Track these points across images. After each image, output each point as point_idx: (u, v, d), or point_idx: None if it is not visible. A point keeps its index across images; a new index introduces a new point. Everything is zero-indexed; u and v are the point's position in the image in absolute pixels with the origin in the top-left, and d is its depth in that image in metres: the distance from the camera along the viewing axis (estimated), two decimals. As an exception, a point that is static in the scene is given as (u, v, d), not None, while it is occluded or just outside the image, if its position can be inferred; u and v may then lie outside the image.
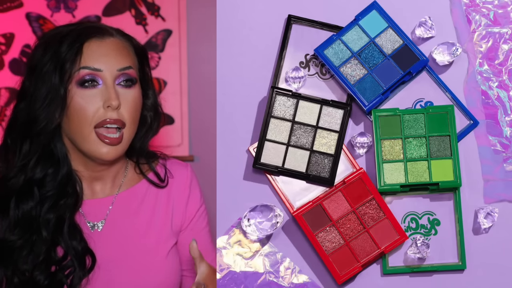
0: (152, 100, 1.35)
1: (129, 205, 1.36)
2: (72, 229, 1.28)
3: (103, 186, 1.35)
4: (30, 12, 2.40)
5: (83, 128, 1.24)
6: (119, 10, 2.42)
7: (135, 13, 2.42)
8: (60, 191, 1.28)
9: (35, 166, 1.26)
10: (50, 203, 1.27)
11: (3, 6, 2.39)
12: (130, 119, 1.27)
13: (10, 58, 2.38)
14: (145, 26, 2.42)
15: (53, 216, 1.26)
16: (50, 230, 1.26)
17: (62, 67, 1.22)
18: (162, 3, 2.43)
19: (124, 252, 1.32)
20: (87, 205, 1.33)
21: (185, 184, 1.41)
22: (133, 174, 1.39)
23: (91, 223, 1.32)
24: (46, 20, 2.41)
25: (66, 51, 1.23)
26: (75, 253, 1.26)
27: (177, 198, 1.39)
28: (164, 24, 2.43)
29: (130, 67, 1.27)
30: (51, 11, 2.42)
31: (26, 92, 1.26)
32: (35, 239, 1.25)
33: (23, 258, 1.24)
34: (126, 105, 1.26)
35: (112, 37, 1.28)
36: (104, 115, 1.24)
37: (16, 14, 2.40)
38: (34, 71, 1.25)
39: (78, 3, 2.42)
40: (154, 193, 1.38)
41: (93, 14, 2.41)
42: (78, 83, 1.23)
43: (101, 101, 1.24)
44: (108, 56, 1.25)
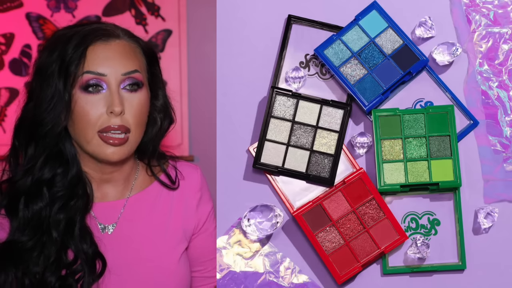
0: (162, 101, 1.33)
1: (141, 208, 1.34)
2: (82, 232, 1.26)
3: (114, 189, 1.33)
4: (30, 12, 2.40)
5: (86, 133, 1.22)
6: (119, 10, 2.42)
7: (135, 13, 2.42)
8: (71, 191, 1.27)
9: (43, 167, 1.25)
10: (60, 204, 1.25)
11: (3, 6, 2.39)
12: (135, 124, 1.25)
13: (10, 58, 2.38)
14: (145, 26, 2.42)
15: (63, 216, 1.25)
16: (61, 232, 1.24)
17: (67, 71, 1.21)
18: (162, 3, 2.43)
19: (134, 255, 1.30)
20: (98, 208, 1.31)
21: (197, 187, 1.39)
22: (144, 176, 1.37)
23: (102, 225, 1.31)
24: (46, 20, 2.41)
25: (71, 54, 1.21)
26: (85, 257, 1.25)
27: (189, 201, 1.37)
28: (164, 24, 2.43)
29: (136, 71, 1.24)
30: (51, 11, 2.42)
31: (33, 93, 1.25)
32: (45, 240, 1.24)
33: (34, 260, 1.23)
34: (131, 110, 1.23)
35: (118, 39, 1.25)
36: (108, 121, 1.22)
37: (16, 14, 2.40)
38: (40, 72, 1.24)
39: (78, 3, 2.42)
40: (165, 196, 1.36)
41: (93, 14, 2.41)
42: (82, 87, 1.21)
43: (105, 106, 1.22)
44: (113, 60, 1.22)
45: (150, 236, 1.32)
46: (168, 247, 1.33)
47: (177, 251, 1.34)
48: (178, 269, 1.33)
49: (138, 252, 1.31)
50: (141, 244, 1.31)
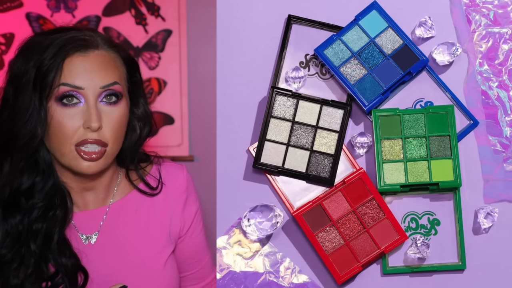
0: (142, 109, 1.29)
1: (123, 215, 1.30)
2: (61, 245, 1.22)
3: (96, 197, 1.29)
4: (30, 12, 2.40)
5: (62, 146, 1.18)
6: (119, 10, 2.42)
7: (135, 13, 2.42)
8: (49, 202, 1.23)
9: (20, 177, 1.21)
10: (37, 214, 1.22)
11: (3, 6, 2.39)
12: (113, 138, 1.20)
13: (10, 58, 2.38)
14: (145, 26, 2.42)
15: (41, 227, 1.21)
16: (39, 243, 1.21)
17: (42, 83, 1.16)
18: (162, 3, 2.42)
19: (120, 263, 1.27)
20: (79, 217, 1.28)
21: (182, 188, 1.35)
22: (126, 182, 1.33)
23: (84, 235, 1.27)
24: (46, 20, 2.41)
25: (47, 66, 1.15)
26: (65, 270, 1.21)
27: (174, 203, 1.34)
28: (164, 24, 2.43)
29: (115, 83, 1.19)
30: (51, 11, 2.42)
31: (7, 100, 1.20)
32: (24, 252, 1.21)
33: (13, 272, 1.20)
34: (109, 124, 1.19)
35: (97, 49, 1.19)
36: (84, 135, 1.17)
37: (16, 14, 2.40)
38: (14, 79, 1.19)
39: (78, 3, 2.41)
40: (149, 201, 1.33)
41: (93, 14, 2.41)
42: (57, 99, 1.16)
43: (82, 119, 1.17)
44: (91, 72, 1.17)
45: (134, 242, 1.29)
46: (154, 252, 1.31)
47: (163, 255, 1.31)
48: (165, 273, 1.31)
49: (123, 259, 1.28)
50: (126, 250, 1.29)
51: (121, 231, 1.29)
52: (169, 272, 1.32)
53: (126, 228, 1.30)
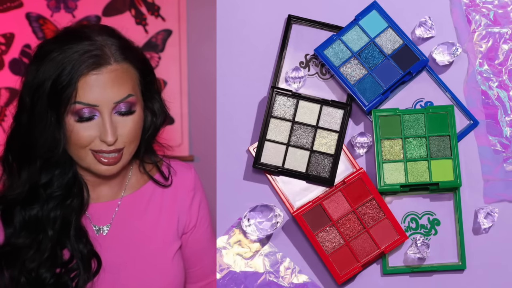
0: (157, 104, 1.31)
1: (135, 208, 1.34)
2: (78, 232, 1.27)
3: (109, 190, 1.34)
4: (30, 12, 2.40)
5: (79, 152, 1.22)
6: (119, 10, 2.42)
7: (135, 13, 2.42)
8: (67, 191, 1.27)
9: (39, 174, 1.24)
10: (56, 202, 1.25)
11: (3, 6, 2.39)
12: (129, 141, 1.23)
13: (10, 58, 2.38)
14: (145, 26, 2.42)
15: (58, 214, 1.25)
16: (56, 229, 1.25)
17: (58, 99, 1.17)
18: (162, 3, 2.43)
19: (129, 255, 1.31)
20: (93, 208, 1.32)
21: (190, 187, 1.39)
22: (138, 175, 1.37)
23: (97, 226, 1.31)
24: (46, 20, 2.41)
25: (62, 84, 1.17)
26: (81, 256, 1.25)
27: (182, 200, 1.38)
28: (164, 24, 2.43)
29: (129, 95, 1.21)
30: (51, 11, 2.42)
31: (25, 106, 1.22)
32: (42, 238, 1.24)
33: (30, 257, 1.23)
34: (124, 131, 1.22)
35: (110, 65, 1.19)
36: (101, 145, 1.20)
37: (16, 14, 2.40)
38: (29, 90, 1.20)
39: (78, 3, 2.42)
40: (159, 195, 1.36)
41: (93, 14, 2.41)
42: (73, 114, 1.19)
43: (98, 132, 1.20)
44: (105, 89, 1.18)
45: (144, 236, 1.33)
46: (162, 246, 1.34)
47: (171, 250, 1.35)
48: (172, 267, 1.34)
49: (133, 251, 1.32)
50: (136, 243, 1.32)
51: (132, 224, 1.33)
52: (176, 267, 1.35)
53: (137, 222, 1.34)
